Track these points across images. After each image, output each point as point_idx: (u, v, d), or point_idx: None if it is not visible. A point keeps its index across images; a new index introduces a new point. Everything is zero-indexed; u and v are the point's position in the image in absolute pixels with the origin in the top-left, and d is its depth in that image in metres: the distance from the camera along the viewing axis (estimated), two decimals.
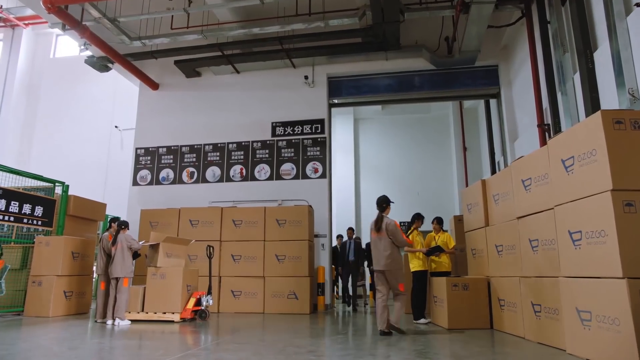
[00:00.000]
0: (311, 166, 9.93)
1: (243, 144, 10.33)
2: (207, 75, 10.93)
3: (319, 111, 10.26)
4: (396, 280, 5.46)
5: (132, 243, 6.74)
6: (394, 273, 5.45)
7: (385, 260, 5.44)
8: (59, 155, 15.41)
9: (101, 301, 6.72)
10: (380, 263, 5.51)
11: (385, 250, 5.46)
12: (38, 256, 7.76)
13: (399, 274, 5.48)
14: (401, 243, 5.54)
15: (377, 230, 5.63)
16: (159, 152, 10.67)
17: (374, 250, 5.65)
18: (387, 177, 14.61)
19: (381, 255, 5.49)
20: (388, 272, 5.46)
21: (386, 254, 5.43)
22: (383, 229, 5.55)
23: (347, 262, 9.54)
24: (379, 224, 5.62)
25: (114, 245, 6.68)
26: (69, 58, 17.38)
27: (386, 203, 5.74)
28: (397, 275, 5.46)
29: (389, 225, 5.54)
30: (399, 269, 5.49)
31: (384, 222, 5.59)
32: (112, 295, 6.58)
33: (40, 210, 8.04)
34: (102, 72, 10.77)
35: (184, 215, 8.93)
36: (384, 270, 5.46)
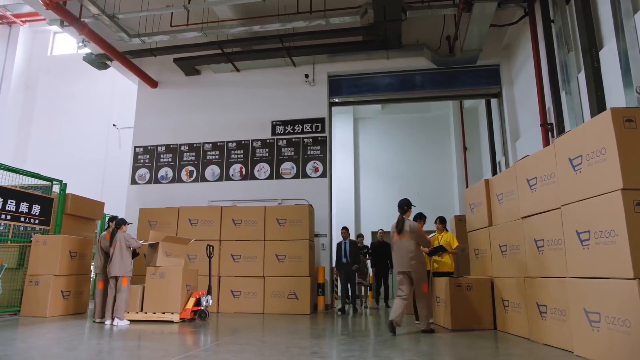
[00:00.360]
0: (311, 165, 9.85)
1: (243, 143, 10.25)
2: (207, 73, 10.85)
3: (320, 110, 10.19)
4: (420, 281, 5.58)
5: (130, 242, 6.65)
6: (419, 274, 5.58)
7: (410, 262, 5.56)
8: (56, 154, 15.28)
9: (99, 301, 6.63)
10: (404, 265, 5.60)
11: (410, 252, 5.56)
12: (35, 255, 7.66)
13: (423, 274, 5.62)
14: (425, 244, 5.72)
15: (398, 232, 5.72)
16: (157, 151, 10.58)
17: (396, 252, 5.75)
18: (387, 177, 14.55)
19: (405, 257, 5.59)
20: (413, 272, 5.56)
21: (410, 255, 5.55)
22: (405, 230, 5.65)
23: (343, 264, 9.38)
24: (400, 226, 5.72)
25: (112, 243, 6.59)
26: (67, 56, 17.25)
27: (407, 206, 5.85)
28: (421, 276, 5.60)
29: (412, 226, 5.68)
30: (423, 269, 5.65)
31: (405, 224, 5.69)
32: (110, 295, 6.50)
33: (38, 208, 7.94)
34: (100, 70, 10.68)
35: (183, 215, 8.84)
36: (409, 272, 5.57)
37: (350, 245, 9.09)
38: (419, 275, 5.59)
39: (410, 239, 5.62)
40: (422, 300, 5.64)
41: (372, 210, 14.05)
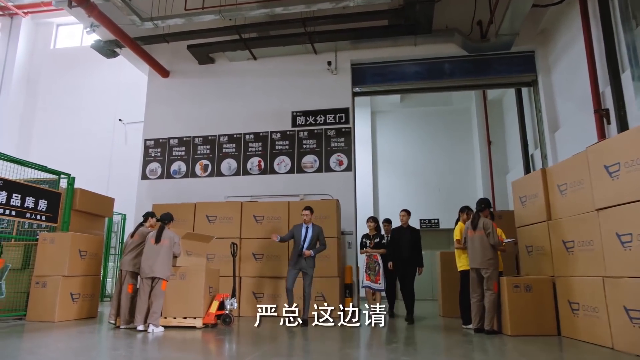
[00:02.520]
0: (335, 158, 9.23)
1: (261, 135, 9.62)
2: (222, 61, 10.22)
3: (343, 100, 9.56)
4: (491, 279, 5.49)
5: (176, 248, 5.98)
6: (491, 271, 5.51)
7: (483, 258, 5.57)
8: (59, 149, 14.64)
9: (126, 304, 5.98)
10: (476, 260, 5.64)
11: (484, 249, 5.59)
12: (42, 254, 7.03)
13: (495, 273, 5.53)
14: (495, 243, 5.58)
15: (473, 228, 5.80)
16: (169, 144, 9.95)
17: (470, 248, 5.79)
18: (406, 172, 13.92)
19: (478, 253, 5.63)
20: (485, 270, 5.54)
21: (484, 252, 5.57)
22: (480, 227, 5.71)
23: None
24: (475, 222, 5.80)
25: (160, 241, 5.91)
26: (70, 49, 16.66)
27: (486, 205, 5.94)
28: (493, 274, 5.50)
29: (486, 223, 5.69)
30: (497, 267, 5.57)
31: (480, 221, 5.75)
32: (143, 297, 5.80)
33: (45, 204, 7.31)
34: (108, 58, 10.07)
35: (200, 211, 8.22)
36: (480, 268, 5.58)
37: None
38: (491, 273, 5.51)
39: (484, 235, 5.64)
40: (490, 300, 5.44)
41: (391, 207, 13.30)
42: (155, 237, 5.95)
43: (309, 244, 6.55)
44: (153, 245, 5.90)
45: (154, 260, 5.81)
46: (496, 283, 5.50)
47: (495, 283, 5.49)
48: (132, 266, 6.17)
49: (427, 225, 13.49)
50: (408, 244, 7.20)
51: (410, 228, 7.46)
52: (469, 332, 5.61)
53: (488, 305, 5.47)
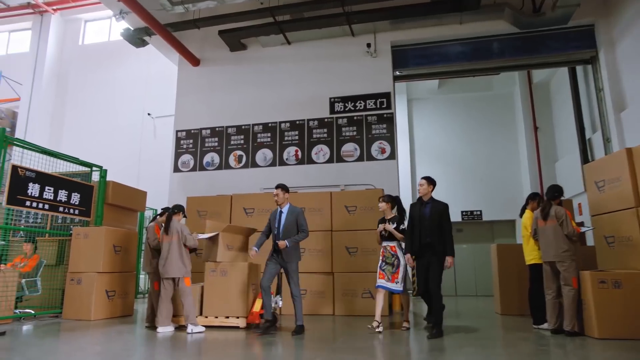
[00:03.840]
0: (377, 146, 8.65)
1: (297, 123, 9.12)
2: (254, 47, 9.75)
3: (384, 84, 8.97)
4: (569, 274, 4.91)
5: (187, 238, 5.54)
6: (569, 264, 4.93)
7: (558, 250, 4.99)
8: (89, 145, 14.52)
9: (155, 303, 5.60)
10: (550, 253, 5.07)
11: (558, 240, 5.00)
12: (76, 250, 6.73)
13: (573, 266, 4.93)
14: (570, 232, 4.97)
15: (543, 218, 5.22)
16: (202, 135, 9.55)
17: (542, 240, 5.23)
18: (446, 162, 13.20)
19: (552, 245, 5.05)
20: (561, 263, 4.96)
21: (559, 243, 4.99)
22: (552, 216, 5.13)
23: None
24: (546, 210, 5.21)
25: (168, 234, 5.49)
26: (99, 44, 16.57)
27: (558, 192, 5.29)
28: (571, 268, 4.92)
29: (559, 212, 5.10)
30: (574, 260, 4.96)
31: (552, 209, 5.16)
32: (163, 299, 5.41)
33: (77, 197, 7.00)
34: (137, 47, 9.73)
35: (237, 203, 7.78)
36: (555, 262, 5.03)
37: None
38: (568, 266, 4.92)
39: (556, 225, 5.04)
40: (569, 297, 4.84)
41: None
42: (163, 228, 5.55)
43: (284, 232, 5.32)
44: (164, 243, 5.50)
45: (166, 260, 5.41)
46: (575, 278, 4.89)
47: (575, 278, 4.89)
48: (150, 267, 5.81)
49: (469, 218, 12.77)
50: (429, 225, 5.06)
51: (434, 202, 5.24)
52: (544, 334, 4.98)
53: (567, 303, 4.87)
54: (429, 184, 5.35)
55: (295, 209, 5.48)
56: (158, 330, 5.27)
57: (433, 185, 5.38)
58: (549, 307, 5.05)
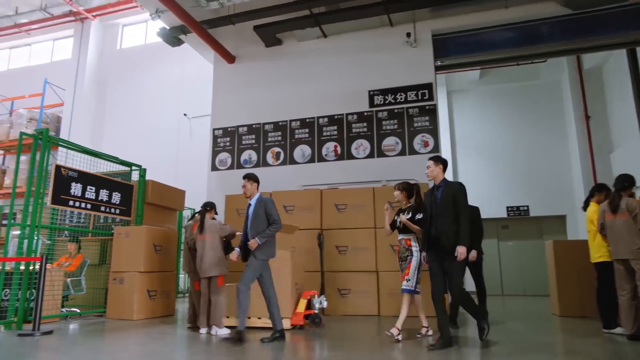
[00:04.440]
0: (419, 139, 8.28)
1: (336, 118, 8.86)
2: (290, 42, 9.55)
3: (425, 75, 8.57)
4: None
5: (224, 228, 5.42)
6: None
7: (631, 247, 4.52)
8: (128, 146, 14.73)
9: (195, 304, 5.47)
10: (622, 250, 4.60)
11: (631, 235, 4.55)
12: (117, 249, 6.71)
13: None
14: None
15: (612, 211, 4.75)
16: (238, 132, 9.43)
17: (612, 236, 4.77)
18: (489, 156, 12.63)
19: (623, 241, 4.61)
20: (635, 261, 4.49)
21: (632, 239, 4.55)
22: (622, 209, 4.66)
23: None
24: (615, 203, 4.74)
25: (202, 234, 5.36)
26: (135, 48, 16.83)
27: (629, 182, 4.79)
28: None
29: (631, 204, 4.64)
30: None
31: (623, 201, 4.71)
32: (204, 299, 5.29)
33: (118, 197, 6.99)
34: (173, 46, 9.71)
35: (277, 200, 7.46)
36: (628, 260, 4.56)
37: None
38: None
39: (628, 219, 4.60)
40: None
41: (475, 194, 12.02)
42: (198, 227, 5.40)
43: (253, 227, 4.70)
44: (199, 241, 5.35)
45: (201, 258, 5.26)
46: None
47: None
48: (189, 266, 5.68)
49: (516, 213, 12.16)
50: (440, 211, 4.24)
51: (446, 185, 4.36)
52: (619, 339, 4.52)
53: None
54: (437, 163, 4.44)
55: (263, 199, 4.84)
56: (201, 331, 5.13)
57: (443, 165, 4.46)
58: (623, 309, 4.58)
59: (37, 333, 4.97)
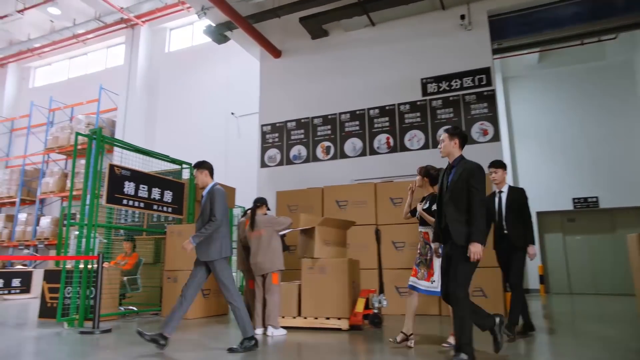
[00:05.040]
0: (478, 127, 7.76)
1: (387, 109, 8.49)
2: (336, 33, 9.26)
3: (482, 59, 8.03)
4: None
5: (279, 221, 5.21)
6: None
7: None
8: (178, 147, 14.93)
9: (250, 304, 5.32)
10: None
11: None
12: (171, 248, 6.69)
13: None
14: None
15: None
16: (287, 127, 9.26)
17: None
18: (551, 145, 11.78)
19: None
20: None
21: None
22: None
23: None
24: None
25: (254, 231, 5.19)
26: (182, 50, 17.14)
27: None
28: None
29: None
30: None
31: None
32: (258, 297, 5.12)
33: (170, 195, 6.98)
34: (220, 44, 9.67)
35: (329, 195, 7.35)
36: None
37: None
38: None
39: None
40: None
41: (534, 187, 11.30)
42: (249, 226, 5.20)
43: (199, 221, 4.21)
44: (252, 239, 5.16)
45: (255, 255, 5.06)
46: None
47: None
48: (244, 265, 5.53)
49: (583, 205, 11.26)
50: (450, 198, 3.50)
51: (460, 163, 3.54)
52: None
53: None
54: (452, 137, 3.60)
55: (213, 189, 4.27)
56: (256, 332, 4.95)
57: (459, 139, 3.60)
58: None
59: (97, 331, 4.99)
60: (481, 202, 3.38)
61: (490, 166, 4.74)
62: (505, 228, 4.61)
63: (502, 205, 4.65)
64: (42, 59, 19.45)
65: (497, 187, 4.74)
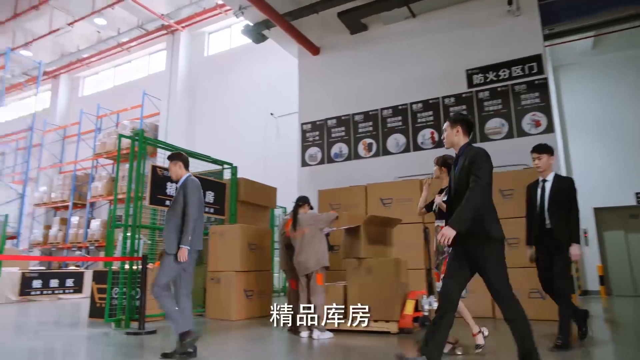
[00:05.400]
0: (529, 118, 7.31)
1: (430, 102, 8.16)
2: (375, 26, 9.02)
3: (532, 46, 7.57)
4: None
5: (320, 219, 5.03)
6: None
7: None
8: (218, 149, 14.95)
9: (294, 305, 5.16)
10: None
11: None
12: (214, 249, 6.66)
13: None
14: None
15: None
16: (327, 125, 9.10)
17: None
18: (608, 137, 11.00)
19: None
20: None
21: None
22: None
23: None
24: None
25: (296, 230, 5.04)
26: (220, 53, 17.35)
27: None
28: None
29: None
30: None
31: None
32: (302, 298, 4.95)
33: (212, 195, 6.96)
34: (257, 43, 9.66)
35: (373, 193, 7.11)
36: None
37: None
38: None
39: None
40: None
41: (589, 182, 10.61)
42: (292, 225, 5.05)
43: (168, 221, 3.88)
44: (295, 239, 4.99)
45: (299, 254, 4.89)
46: None
47: None
48: (284, 264, 5.39)
49: None
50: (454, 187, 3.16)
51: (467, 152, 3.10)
52: None
53: None
54: (453, 125, 3.21)
55: (186, 181, 3.90)
56: (301, 335, 4.79)
57: (462, 126, 3.18)
58: None
59: (142, 332, 4.98)
60: (480, 189, 2.87)
61: (533, 151, 4.20)
62: (547, 222, 4.04)
63: (545, 195, 4.09)
64: (90, 69, 20.23)
65: (541, 175, 4.18)
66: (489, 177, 2.93)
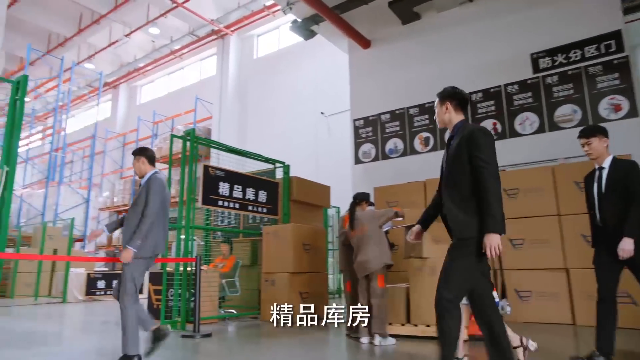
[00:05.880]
0: (607, 102, 6.60)
1: (492, 91, 7.60)
2: (429, 14, 8.55)
3: (607, 22, 6.85)
4: None
5: (380, 214, 4.70)
6: None
7: None
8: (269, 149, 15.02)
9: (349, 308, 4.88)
10: None
11: None
12: (267, 249, 6.50)
13: None
14: None
15: None
16: (381, 120, 8.74)
17: None
18: None
19: None
20: None
21: None
22: None
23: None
24: None
25: (354, 230, 4.74)
26: (269, 55, 17.40)
27: None
28: None
29: None
30: None
31: None
32: (363, 302, 4.63)
33: (264, 195, 6.81)
34: (306, 40, 9.48)
35: (432, 190, 6.64)
36: None
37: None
38: None
39: None
40: None
41: None
42: (349, 225, 4.74)
43: (127, 221, 3.47)
44: (353, 238, 4.69)
45: (358, 254, 4.58)
46: None
47: None
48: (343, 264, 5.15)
49: None
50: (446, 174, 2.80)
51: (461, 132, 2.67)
52: None
53: None
54: (442, 102, 2.76)
55: (151, 177, 3.51)
56: (362, 341, 4.49)
57: (451, 101, 2.72)
58: None
59: (197, 335, 4.88)
60: (494, 177, 2.43)
61: (580, 136, 3.47)
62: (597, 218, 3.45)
63: (602, 185, 3.40)
64: (146, 77, 20.99)
65: (596, 162, 3.44)
66: (494, 158, 2.49)
